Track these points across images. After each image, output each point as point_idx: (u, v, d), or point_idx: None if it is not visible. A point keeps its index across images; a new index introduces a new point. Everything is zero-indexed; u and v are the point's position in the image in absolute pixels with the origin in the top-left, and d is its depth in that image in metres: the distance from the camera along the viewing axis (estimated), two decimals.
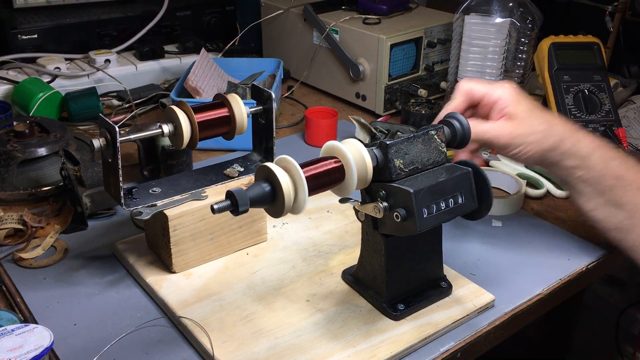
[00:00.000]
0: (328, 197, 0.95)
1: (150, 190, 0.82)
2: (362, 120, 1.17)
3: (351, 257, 0.85)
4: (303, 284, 0.81)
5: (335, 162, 0.68)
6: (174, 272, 0.82)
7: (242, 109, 0.83)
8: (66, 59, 1.40)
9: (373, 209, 0.70)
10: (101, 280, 0.83)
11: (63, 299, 0.80)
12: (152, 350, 0.72)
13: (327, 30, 1.37)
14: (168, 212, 0.79)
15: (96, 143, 0.74)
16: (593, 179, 0.80)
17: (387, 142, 0.69)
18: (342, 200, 0.74)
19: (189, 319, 0.74)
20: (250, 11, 1.60)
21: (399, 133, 1.13)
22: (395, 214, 0.67)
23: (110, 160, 0.75)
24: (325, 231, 0.92)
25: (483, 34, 1.21)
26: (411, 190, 0.66)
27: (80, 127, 1.23)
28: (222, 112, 0.83)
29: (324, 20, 1.39)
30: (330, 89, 1.45)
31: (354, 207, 0.74)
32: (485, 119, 0.81)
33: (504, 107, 0.79)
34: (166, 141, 1.00)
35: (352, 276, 0.81)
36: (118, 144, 0.73)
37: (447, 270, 0.82)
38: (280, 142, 1.23)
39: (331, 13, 1.43)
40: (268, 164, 0.64)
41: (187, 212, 0.80)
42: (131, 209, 0.78)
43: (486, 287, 0.81)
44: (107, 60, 1.39)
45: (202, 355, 0.71)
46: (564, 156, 0.80)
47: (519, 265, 0.88)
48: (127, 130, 0.87)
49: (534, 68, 1.21)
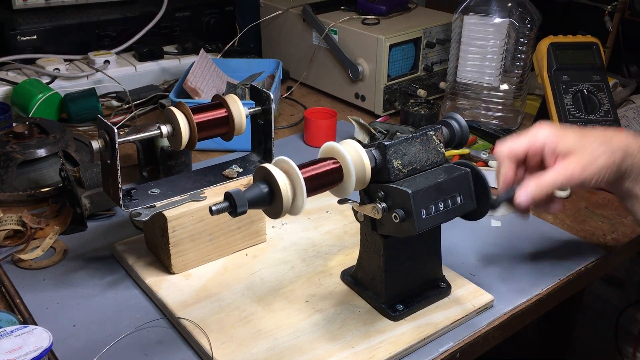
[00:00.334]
0: (327, 198, 0.95)
1: (149, 191, 0.82)
2: (361, 120, 1.17)
3: (350, 257, 0.85)
4: (302, 285, 0.81)
5: (333, 163, 0.68)
6: (173, 273, 0.82)
7: (240, 110, 0.83)
8: (65, 60, 1.40)
9: (372, 210, 0.70)
10: (100, 282, 0.83)
11: (62, 300, 0.80)
12: (151, 351, 0.72)
13: (326, 30, 1.37)
14: (167, 213, 0.79)
15: (95, 144, 0.74)
16: None
17: (386, 143, 0.69)
18: (341, 201, 0.74)
19: (188, 320, 0.74)
20: (249, 12, 1.60)
21: (398, 133, 1.13)
22: (393, 214, 0.67)
23: (109, 161, 0.75)
24: (324, 232, 0.92)
25: (482, 34, 1.22)
26: (410, 191, 0.66)
27: (80, 128, 1.23)
28: (220, 112, 0.83)
29: (323, 21, 1.39)
30: (329, 90, 1.45)
31: (352, 208, 0.74)
32: (539, 169, 0.77)
33: (554, 148, 0.75)
34: (165, 142, 1.00)
35: (351, 277, 0.81)
36: (117, 145, 0.73)
37: (446, 271, 0.82)
38: (280, 143, 1.23)
39: (330, 13, 1.43)
40: (266, 165, 0.64)
41: (186, 213, 0.80)
42: (130, 210, 0.78)
43: (485, 287, 0.81)
44: (107, 61, 1.39)
45: (201, 356, 0.71)
46: (636, 161, 0.76)
47: (518, 265, 0.88)
48: (126, 131, 0.87)
49: (532, 68, 1.21)
